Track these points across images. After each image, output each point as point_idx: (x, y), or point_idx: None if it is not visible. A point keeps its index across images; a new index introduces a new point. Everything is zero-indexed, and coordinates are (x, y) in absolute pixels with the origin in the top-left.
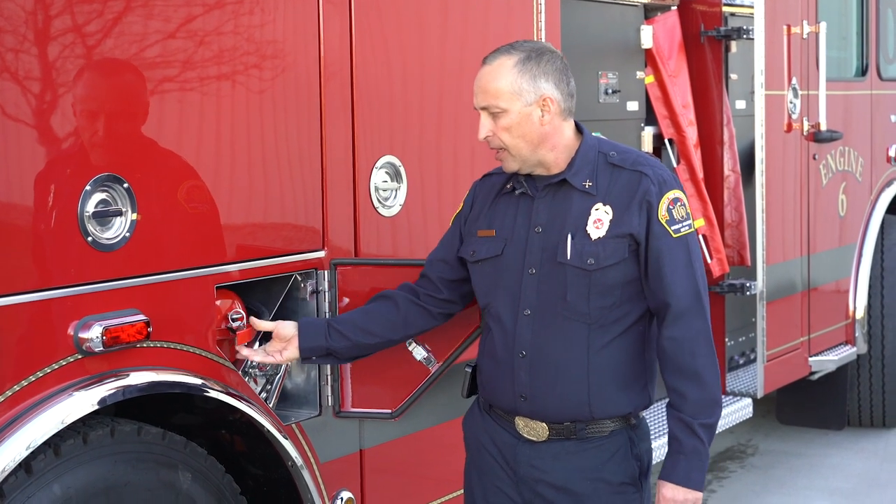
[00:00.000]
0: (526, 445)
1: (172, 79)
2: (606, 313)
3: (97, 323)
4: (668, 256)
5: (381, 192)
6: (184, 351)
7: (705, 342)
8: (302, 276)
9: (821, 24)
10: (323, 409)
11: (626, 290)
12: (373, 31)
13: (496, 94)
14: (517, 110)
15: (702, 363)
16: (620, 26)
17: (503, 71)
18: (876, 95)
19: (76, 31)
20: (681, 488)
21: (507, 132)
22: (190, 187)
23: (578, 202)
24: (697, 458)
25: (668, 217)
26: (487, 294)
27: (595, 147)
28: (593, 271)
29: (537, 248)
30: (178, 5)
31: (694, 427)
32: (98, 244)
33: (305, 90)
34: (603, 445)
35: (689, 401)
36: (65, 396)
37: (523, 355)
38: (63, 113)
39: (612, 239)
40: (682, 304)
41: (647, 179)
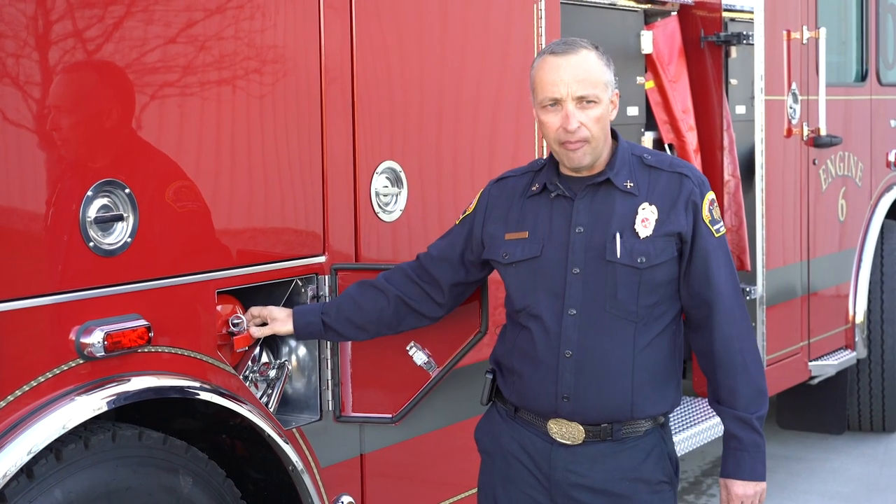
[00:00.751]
0: (561, 449)
1: (173, 84)
2: (650, 311)
3: (98, 328)
4: (713, 256)
5: (382, 197)
6: (185, 356)
7: (750, 337)
8: (303, 281)
9: (821, 29)
10: (323, 414)
11: (667, 289)
12: (374, 36)
13: (594, 83)
14: (606, 101)
15: (750, 357)
16: (620, 31)
17: (593, 63)
18: (875, 100)
19: (77, 37)
20: (751, 483)
21: (597, 123)
22: (191, 192)
23: (621, 202)
24: (758, 451)
25: (711, 217)
26: (525, 296)
27: (628, 150)
28: (644, 269)
29: (580, 248)
30: (178, 10)
31: (751, 422)
32: (99, 249)
33: (306, 95)
34: (638, 445)
35: (742, 396)
36: (66, 401)
37: (569, 356)
38: (64, 118)
39: (661, 238)
40: (728, 302)
41: (688, 181)
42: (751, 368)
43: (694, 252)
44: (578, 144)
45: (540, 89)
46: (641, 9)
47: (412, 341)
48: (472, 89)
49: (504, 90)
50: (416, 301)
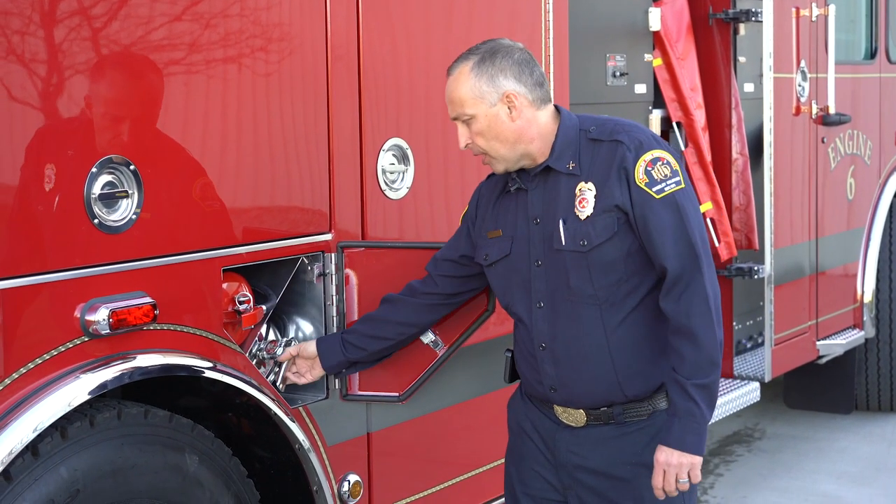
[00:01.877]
0: (566, 431)
1: (179, 61)
2: (615, 290)
3: (104, 305)
4: (654, 219)
5: (389, 174)
6: (190, 334)
7: (702, 302)
8: (309, 259)
9: (830, 6)
10: (330, 392)
11: (629, 263)
12: (380, 13)
13: (461, 102)
14: (483, 113)
15: (697, 322)
16: (628, 9)
17: (462, 78)
18: (885, 78)
19: (83, 14)
20: (675, 451)
21: (482, 136)
22: (196, 170)
23: (565, 186)
24: (691, 420)
25: (648, 179)
26: (505, 294)
27: (576, 126)
28: (588, 251)
29: (538, 240)
30: None
31: (687, 387)
32: (104, 226)
33: (312, 73)
34: (642, 430)
35: (686, 361)
36: (71, 379)
37: (544, 347)
38: (69, 95)
39: (600, 215)
40: (676, 265)
41: (622, 147)
42: (699, 334)
43: (636, 220)
44: (485, 158)
45: None
46: None
47: None
48: None
49: None
50: (422, 297)
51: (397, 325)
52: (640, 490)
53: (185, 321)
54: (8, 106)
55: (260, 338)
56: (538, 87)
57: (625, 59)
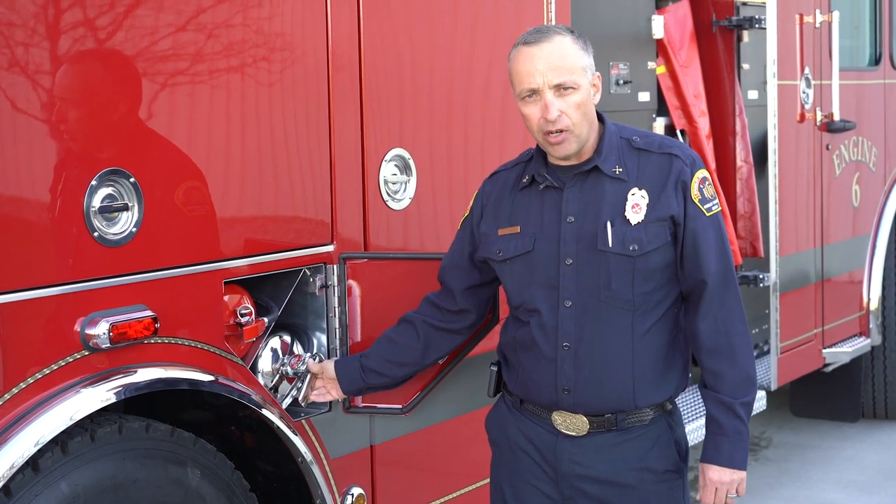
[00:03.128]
0: (566, 441)
1: (179, 72)
2: (648, 298)
3: (104, 319)
4: (703, 235)
5: (391, 185)
6: (192, 347)
7: (740, 320)
8: (311, 271)
9: (834, 12)
10: (333, 405)
11: (664, 273)
12: (382, 22)
13: (571, 69)
14: (586, 86)
15: (737, 342)
16: (631, 16)
17: (567, 47)
18: (889, 84)
19: (83, 26)
20: (727, 470)
21: (578, 110)
22: (197, 181)
23: (611, 189)
24: (739, 438)
25: (701, 196)
26: (521, 292)
27: (616, 133)
28: (637, 257)
29: (572, 238)
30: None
31: (734, 407)
32: (104, 239)
33: (314, 83)
34: (644, 434)
35: (727, 380)
36: (72, 393)
37: (567, 347)
38: (69, 107)
39: (653, 223)
40: (717, 283)
41: (678, 160)
42: (737, 353)
43: (685, 233)
44: (562, 136)
45: (517, 81)
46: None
47: None
48: (482, 75)
49: None
50: (438, 319)
51: (419, 352)
52: (647, 495)
53: (187, 334)
54: (9, 118)
55: (284, 352)
56: None
57: (628, 67)
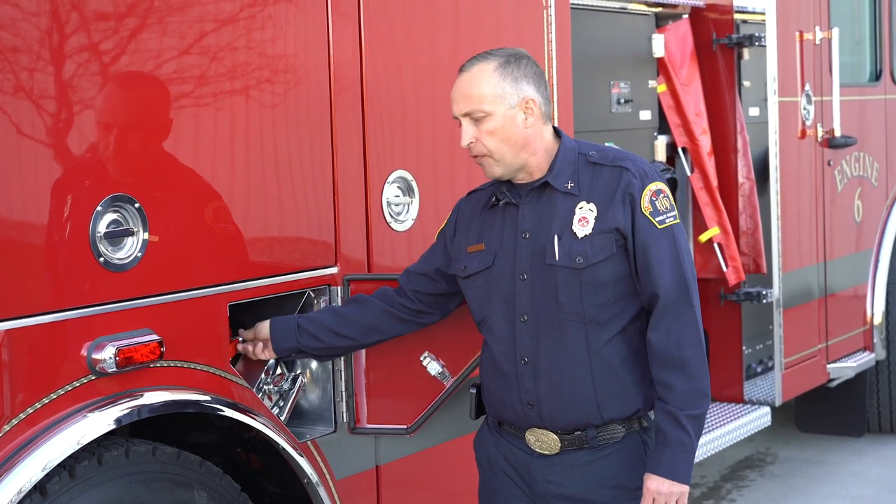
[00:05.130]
0: (540, 460)
1: (183, 96)
2: (601, 311)
3: (110, 344)
4: (654, 248)
5: (394, 206)
6: (198, 370)
7: (693, 333)
8: (315, 293)
9: (833, 29)
10: (338, 426)
11: (618, 287)
12: (384, 44)
13: (479, 98)
14: (501, 113)
15: (689, 354)
16: (632, 35)
17: (484, 75)
18: (890, 100)
19: (87, 50)
20: (666, 480)
21: (492, 136)
22: (201, 205)
23: (562, 204)
24: (682, 449)
25: (652, 208)
26: (483, 307)
27: (575, 149)
28: (582, 269)
29: (526, 253)
30: (189, 22)
31: (680, 418)
32: (110, 265)
33: (317, 105)
34: (617, 451)
35: (676, 392)
36: (79, 417)
37: (525, 362)
38: (74, 133)
39: (599, 235)
40: (669, 294)
41: (627, 173)
42: (688, 365)
43: (635, 245)
44: (481, 160)
45: None
46: (652, 12)
47: (426, 351)
48: None
49: None
50: (393, 307)
51: (363, 328)
52: None
53: (192, 357)
54: (14, 144)
55: (268, 372)
56: (548, 102)
57: (629, 86)
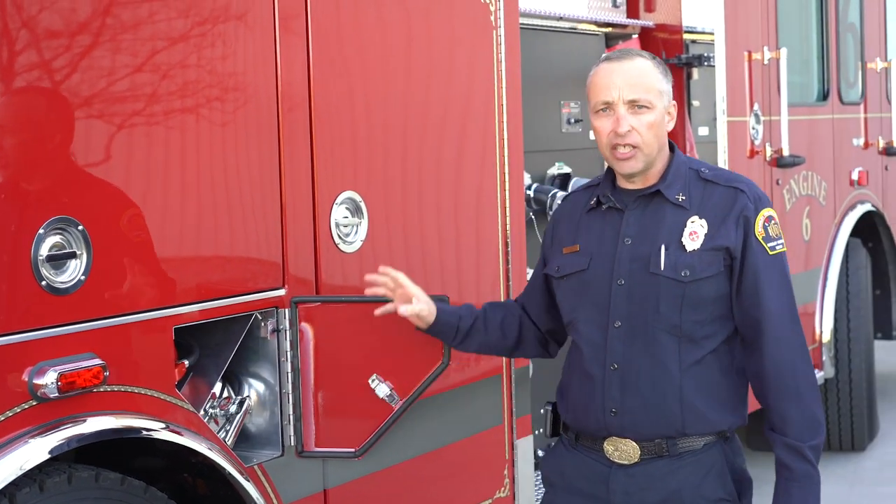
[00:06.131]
0: (619, 472)
1: (125, 116)
2: (697, 328)
3: (52, 368)
4: (764, 273)
5: (342, 227)
6: (142, 394)
7: (804, 361)
8: (262, 315)
9: (781, 49)
10: (285, 449)
11: (716, 306)
12: (333, 64)
13: (648, 89)
14: (660, 109)
15: (802, 381)
16: (581, 55)
17: (648, 69)
18: (838, 119)
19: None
20: None
21: (650, 129)
22: (146, 227)
23: (672, 215)
24: (811, 482)
25: (765, 234)
26: (574, 309)
27: (686, 163)
28: (688, 283)
29: (626, 259)
30: (135, 41)
31: (804, 451)
32: (52, 288)
33: (264, 125)
34: (698, 461)
35: (794, 423)
36: (20, 444)
37: (614, 368)
38: (14, 154)
39: (708, 252)
40: (779, 322)
41: (743, 196)
42: (804, 394)
43: (744, 269)
44: (630, 152)
45: (593, 94)
46: (602, 32)
47: (374, 374)
48: (434, 116)
49: (466, 116)
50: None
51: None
52: None
53: (137, 381)
54: None
55: (213, 396)
56: None
57: (579, 106)
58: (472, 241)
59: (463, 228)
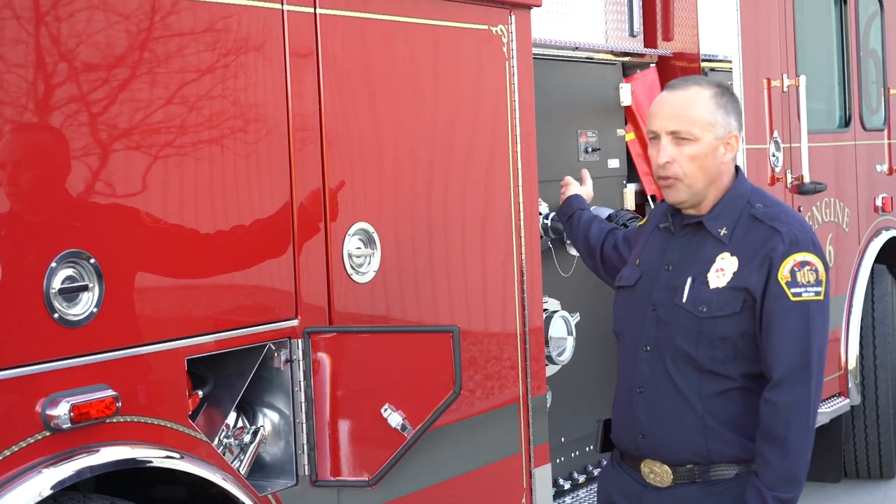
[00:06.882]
0: (653, 493)
1: (137, 150)
2: (717, 365)
3: (64, 400)
4: (778, 318)
5: (355, 258)
6: (155, 424)
7: (801, 414)
8: (275, 346)
9: (801, 77)
10: (299, 479)
11: (739, 344)
12: (344, 96)
13: (692, 120)
14: (708, 142)
15: (793, 435)
16: (599, 84)
17: (700, 100)
18: (860, 146)
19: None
20: None
21: (692, 162)
22: (158, 259)
23: (710, 248)
24: None
25: (790, 278)
26: (620, 322)
27: (745, 196)
28: (703, 319)
29: (662, 286)
30: (145, 74)
31: (766, 498)
32: (65, 321)
33: (276, 158)
34: (728, 490)
35: (771, 469)
36: (34, 473)
37: (641, 391)
38: (26, 189)
39: (729, 290)
40: (784, 369)
41: (777, 237)
42: (791, 446)
43: (762, 310)
44: (670, 182)
45: (648, 122)
46: (619, 62)
47: (387, 403)
48: (445, 146)
49: (479, 147)
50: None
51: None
52: None
53: (150, 412)
54: None
55: (227, 426)
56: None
57: (596, 135)
58: (487, 270)
59: (477, 258)
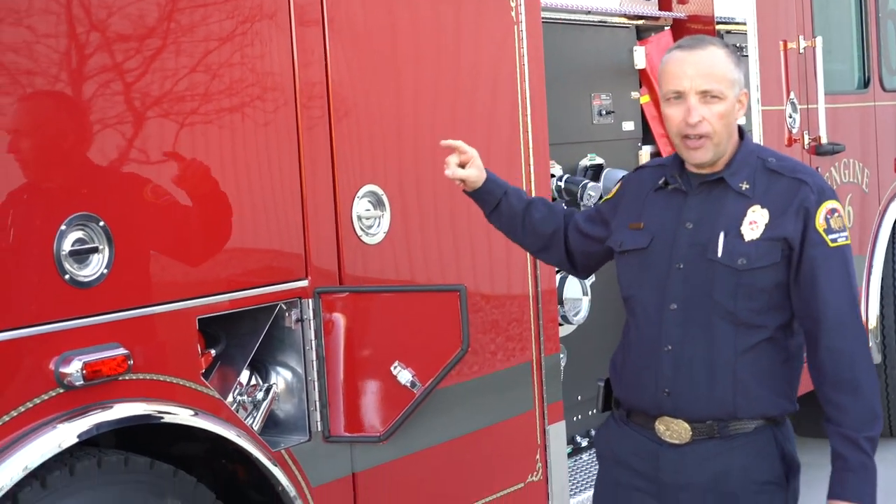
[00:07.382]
0: (670, 451)
1: (146, 113)
2: (754, 316)
3: (77, 358)
4: (823, 265)
5: (364, 220)
6: (168, 382)
7: (863, 353)
8: (286, 306)
9: (817, 38)
10: (312, 435)
11: (773, 295)
12: (350, 58)
13: (720, 79)
14: (731, 99)
15: (861, 375)
16: (612, 48)
17: (720, 58)
18: (880, 107)
19: (48, 70)
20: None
21: (721, 119)
22: (168, 221)
23: (733, 203)
24: (865, 472)
25: (826, 226)
26: (631, 286)
27: (754, 152)
28: (743, 271)
29: (686, 244)
30: (152, 38)
31: (859, 442)
32: (75, 282)
33: (283, 120)
34: (748, 443)
35: (851, 414)
36: (49, 429)
37: (668, 349)
38: (35, 151)
39: (766, 241)
40: (838, 313)
41: (806, 187)
42: (862, 386)
43: (802, 259)
44: (700, 141)
45: (665, 82)
46: (633, 25)
47: (396, 361)
48: (451, 108)
49: (483, 110)
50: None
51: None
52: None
53: (163, 370)
54: None
55: (240, 384)
56: None
57: (611, 98)
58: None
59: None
